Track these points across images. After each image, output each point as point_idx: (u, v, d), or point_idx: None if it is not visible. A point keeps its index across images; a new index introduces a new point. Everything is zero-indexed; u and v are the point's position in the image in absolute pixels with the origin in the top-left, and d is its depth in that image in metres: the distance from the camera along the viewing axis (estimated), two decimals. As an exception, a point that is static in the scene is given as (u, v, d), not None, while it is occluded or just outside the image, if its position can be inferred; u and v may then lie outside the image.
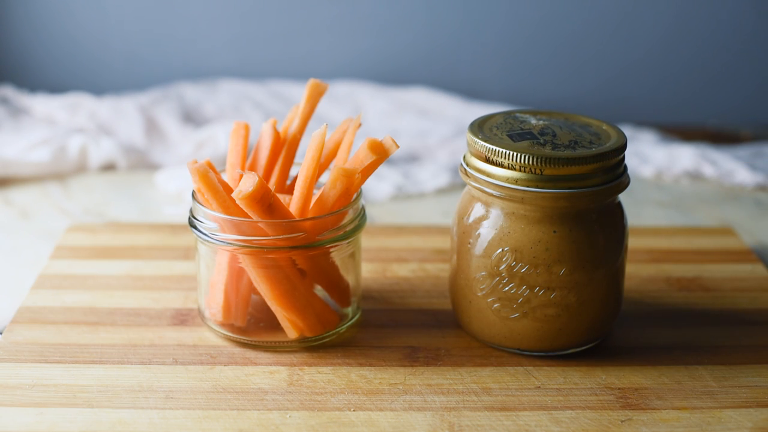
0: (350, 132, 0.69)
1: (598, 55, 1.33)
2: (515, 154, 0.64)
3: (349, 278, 0.72)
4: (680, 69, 1.33)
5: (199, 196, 0.68)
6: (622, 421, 0.62)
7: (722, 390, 0.65)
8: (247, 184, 0.63)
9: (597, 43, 1.32)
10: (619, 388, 0.65)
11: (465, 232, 0.68)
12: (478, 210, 0.68)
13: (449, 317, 0.74)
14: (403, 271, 0.82)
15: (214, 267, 0.69)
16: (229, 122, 1.17)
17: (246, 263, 0.67)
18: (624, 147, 0.67)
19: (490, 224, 0.67)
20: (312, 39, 1.34)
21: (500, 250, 0.66)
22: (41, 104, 1.22)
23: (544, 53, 1.33)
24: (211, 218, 0.67)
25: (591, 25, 1.31)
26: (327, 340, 0.70)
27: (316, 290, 0.71)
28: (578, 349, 0.69)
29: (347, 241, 0.69)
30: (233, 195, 0.63)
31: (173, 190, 1.05)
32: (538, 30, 1.32)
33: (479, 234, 0.67)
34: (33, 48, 1.33)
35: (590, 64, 1.33)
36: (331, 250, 0.68)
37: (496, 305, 0.67)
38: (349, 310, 0.72)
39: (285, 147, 0.71)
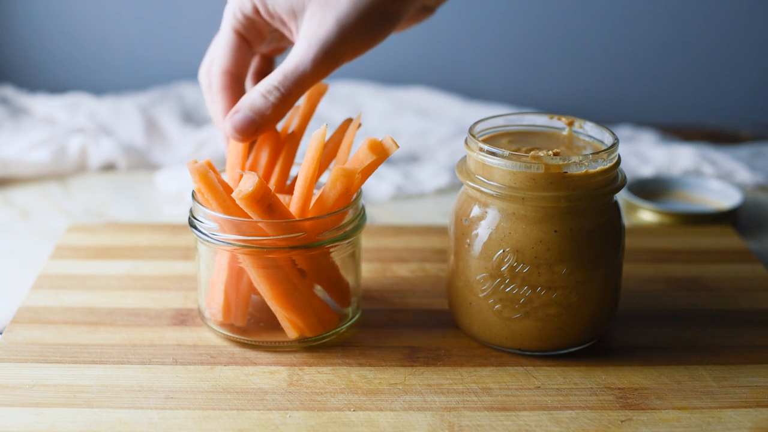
0: (350, 132, 0.69)
1: (598, 55, 1.33)
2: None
3: (349, 278, 0.71)
4: (680, 69, 1.33)
5: (199, 196, 0.67)
6: (622, 421, 0.62)
7: (722, 390, 0.65)
8: (247, 184, 0.63)
9: (596, 42, 1.32)
10: (619, 388, 0.65)
11: (463, 234, 0.68)
12: (476, 211, 0.68)
13: (449, 317, 0.74)
14: (403, 271, 0.82)
15: (214, 267, 0.69)
16: (229, 122, 1.17)
17: (246, 263, 0.67)
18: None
19: (489, 225, 0.67)
20: (312, 39, 1.33)
21: (501, 251, 0.66)
22: (41, 104, 1.22)
23: (543, 53, 1.33)
24: (211, 218, 0.67)
25: (591, 24, 1.31)
26: (327, 340, 0.70)
27: (316, 290, 0.71)
28: (578, 348, 0.69)
29: (347, 241, 0.69)
30: (233, 195, 0.63)
31: (173, 190, 1.05)
32: (538, 30, 1.32)
33: (478, 235, 0.67)
34: (33, 48, 1.33)
35: (590, 63, 1.33)
36: (331, 250, 0.68)
37: (497, 306, 0.67)
38: (349, 310, 0.72)
39: (285, 147, 0.71)
